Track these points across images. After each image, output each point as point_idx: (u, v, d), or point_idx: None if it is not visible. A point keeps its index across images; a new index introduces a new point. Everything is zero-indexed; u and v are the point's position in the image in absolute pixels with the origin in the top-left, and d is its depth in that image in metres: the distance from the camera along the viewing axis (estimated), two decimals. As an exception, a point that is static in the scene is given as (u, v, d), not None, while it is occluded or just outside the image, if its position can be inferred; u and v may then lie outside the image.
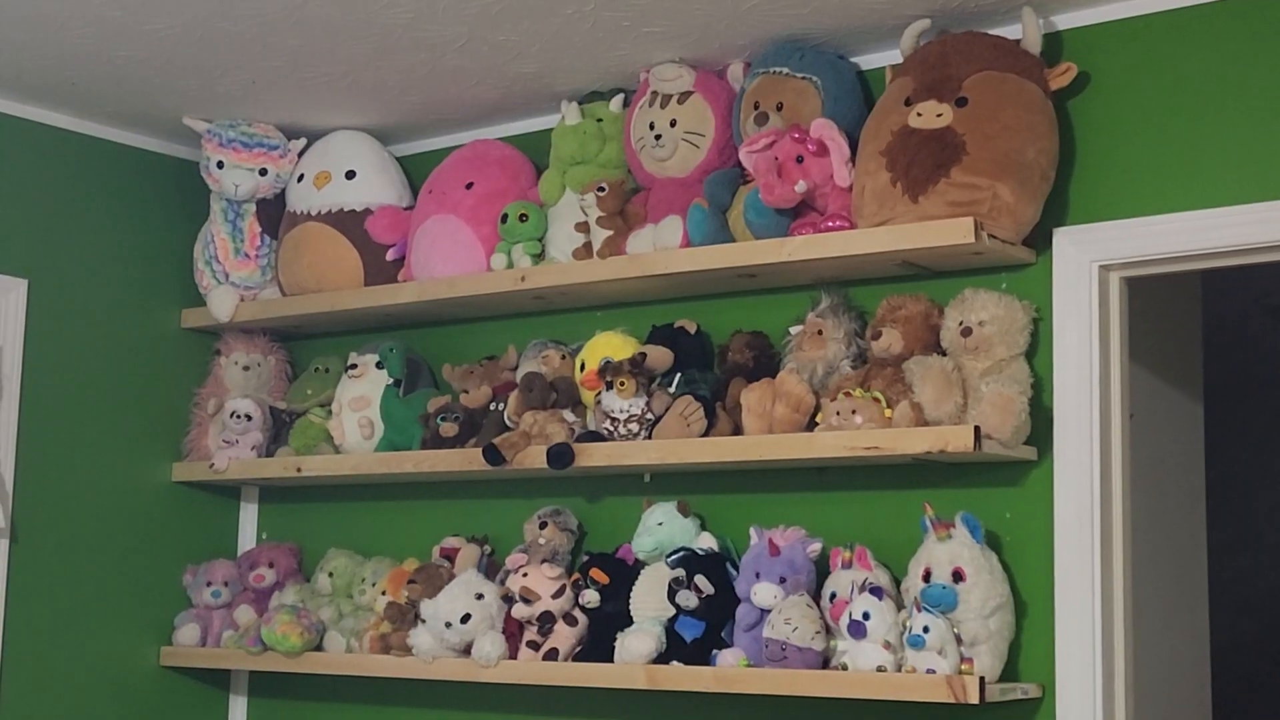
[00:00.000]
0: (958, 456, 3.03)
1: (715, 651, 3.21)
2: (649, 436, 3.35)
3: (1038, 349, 3.12)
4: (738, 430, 3.28)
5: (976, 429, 2.94)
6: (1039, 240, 3.13)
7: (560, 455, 3.38)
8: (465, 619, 3.48)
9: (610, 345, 3.48)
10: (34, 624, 3.81)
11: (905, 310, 3.15)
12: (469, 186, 3.77)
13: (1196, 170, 3.00)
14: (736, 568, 3.24)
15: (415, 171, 4.03)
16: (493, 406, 3.65)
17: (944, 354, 3.11)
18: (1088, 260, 3.08)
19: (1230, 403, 4.66)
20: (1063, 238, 3.11)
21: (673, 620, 3.28)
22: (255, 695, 4.17)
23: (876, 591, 3.02)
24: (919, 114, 3.07)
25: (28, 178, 3.88)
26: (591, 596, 3.39)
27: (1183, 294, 3.71)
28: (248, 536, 4.23)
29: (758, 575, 3.16)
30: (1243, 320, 5.11)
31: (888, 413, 3.06)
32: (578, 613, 3.44)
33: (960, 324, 3.08)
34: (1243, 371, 5.07)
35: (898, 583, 3.11)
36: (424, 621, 3.55)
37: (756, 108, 3.34)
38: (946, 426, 2.99)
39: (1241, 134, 2.97)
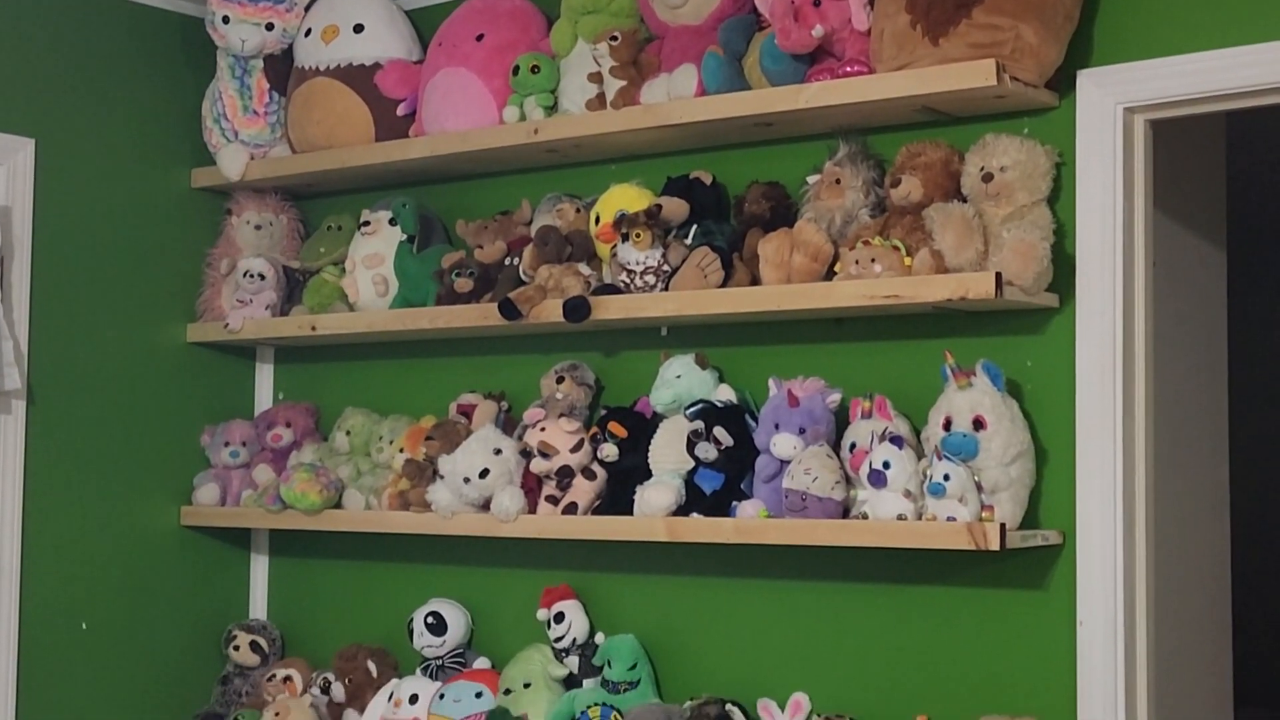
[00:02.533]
0: (978, 304, 3.00)
1: (735, 503, 3.21)
2: (666, 288, 3.32)
3: (1060, 195, 3.07)
4: (755, 281, 3.25)
5: (998, 275, 2.91)
6: (1062, 83, 3.07)
7: (576, 308, 3.36)
8: (483, 474, 3.47)
9: (625, 197, 3.44)
10: (53, 486, 3.82)
11: (925, 157, 3.10)
12: (479, 39, 3.71)
13: (1223, 8, 2.93)
14: (755, 419, 3.23)
15: (424, 25, 3.97)
16: (507, 261, 3.62)
17: (964, 201, 3.06)
18: (1112, 102, 3.02)
19: (1253, 250, 4.62)
20: (1086, 80, 3.05)
21: (692, 473, 3.28)
22: (275, 554, 4.20)
23: (896, 440, 3.01)
24: (939, -47, 3.00)
25: (32, 35, 3.82)
26: (610, 450, 3.38)
27: (1207, 140, 3.65)
28: (264, 396, 4.23)
29: (777, 426, 3.14)
30: (1267, 167, 5.05)
31: (907, 261, 3.02)
32: (596, 466, 3.43)
33: (981, 170, 3.03)
34: (1265, 219, 5.02)
35: (917, 432, 3.10)
36: (442, 478, 3.55)
37: (772, -49, 3.26)
38: (967, 274, 2.95)
39: (1270, -30, 2.90)
